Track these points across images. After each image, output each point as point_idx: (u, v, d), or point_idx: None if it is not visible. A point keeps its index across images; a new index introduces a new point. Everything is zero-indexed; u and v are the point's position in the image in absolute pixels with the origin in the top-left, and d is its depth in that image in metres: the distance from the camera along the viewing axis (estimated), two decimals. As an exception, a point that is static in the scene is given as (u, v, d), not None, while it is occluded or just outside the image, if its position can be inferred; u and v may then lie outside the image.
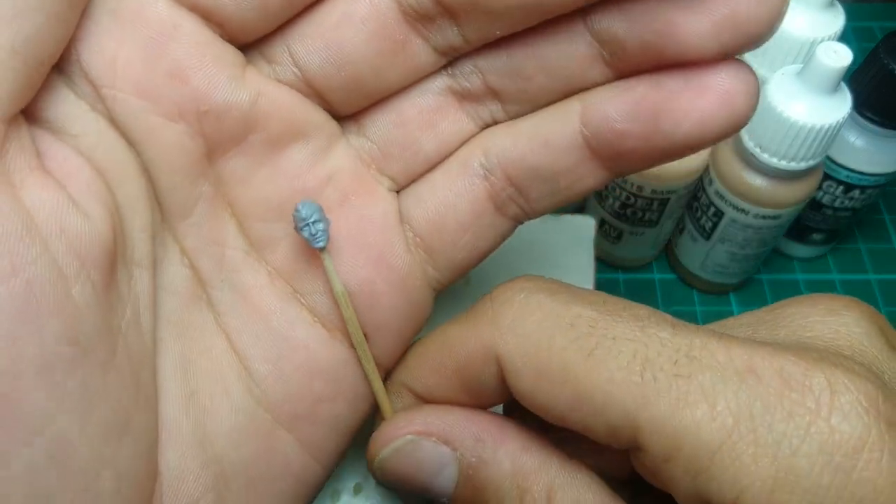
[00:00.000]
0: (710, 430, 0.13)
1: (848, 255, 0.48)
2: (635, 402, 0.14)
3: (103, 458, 0.14)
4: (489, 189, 0.18)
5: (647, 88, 0.16)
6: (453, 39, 0.17)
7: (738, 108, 0.16)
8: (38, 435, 0.13)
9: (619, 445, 0.15)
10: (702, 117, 0.16)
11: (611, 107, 0.17)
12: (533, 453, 0.17)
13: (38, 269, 0.13)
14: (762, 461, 0.13)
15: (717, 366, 0.14)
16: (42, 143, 0.15)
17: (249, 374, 0.17)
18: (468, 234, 0.19)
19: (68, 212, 0.14)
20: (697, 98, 0.16)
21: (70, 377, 0.14)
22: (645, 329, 0.15)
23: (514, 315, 0.16)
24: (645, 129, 0.16)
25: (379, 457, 0.18)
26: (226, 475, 0.17)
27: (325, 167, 0.18)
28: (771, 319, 0.17)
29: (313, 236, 0.17)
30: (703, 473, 0.13)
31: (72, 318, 0.14)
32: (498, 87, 0.18)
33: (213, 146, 0.17)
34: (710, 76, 0.16)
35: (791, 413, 0.13)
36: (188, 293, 0.17)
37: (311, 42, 0.17)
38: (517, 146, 0.18)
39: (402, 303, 0.19)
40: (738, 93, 0.16)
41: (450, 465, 0.17)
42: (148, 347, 0.16)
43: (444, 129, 0.19)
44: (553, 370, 0.15)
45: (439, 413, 0.18)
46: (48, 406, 0.13)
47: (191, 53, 0.16)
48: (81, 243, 0.14)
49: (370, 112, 0.19)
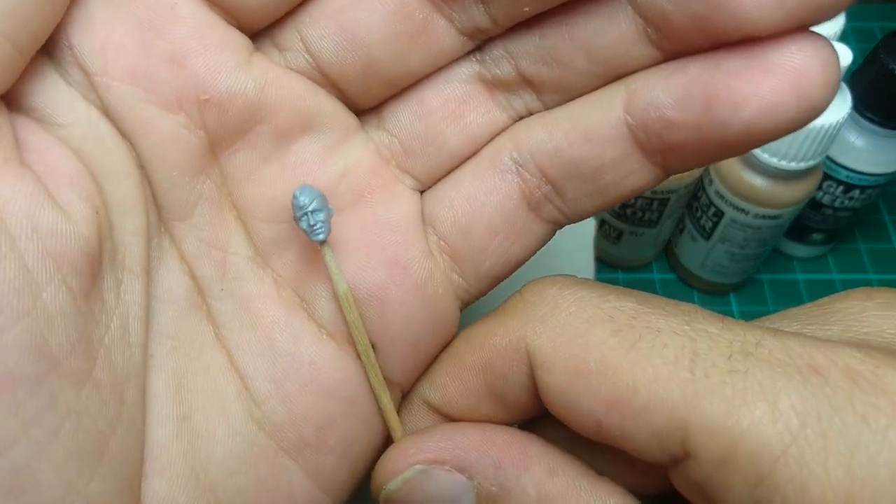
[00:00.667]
0: (773, 433, 0.12)
1: (848, 255, 0.48)
2: (685, 400, 0.12)
3: (73, 488, 0.13)
4: (522, 186, 0.16)
5: (701, 69, 0.14)
6: (479, 20, 0.15)
7: (811, 92, 0.13)
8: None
9: (661, 455, 0.13)
10: (765, 103, 0.13)
11: (659, 91, 0.14)
12: (560, 477, 0.15)
13: (1, 270, 0.12)
14: (835, 471, 0.11)
15: (776, 362, 0.12)
16: (24, 133, 0.14)
17: (250, 393, 0.16)
18: (498, 237, 0.17)
19: (43, 209, 0.13)
20: (761, 80, 0.13)
21: (34, 395, 0.12)
22: (692, 323, 0.14)
23: (547, 307, 0.15)
24: (698, 118, 0.14)
25: (385, 490, 0.16)
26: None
27: (339, 162, 0.16)
28: (820, 315, 0.15)
29: (311, 228, 0.15)
30: (765, 482, 0.12)
31: (40, 326, 0.12)
32: (532, 75, 0.16)
33: (216, 139, 0.15)
34: (777, 53, 0.13)
35: (865, 416, 0.12)
36: (186, 303, 0.16)
37: (323, 25, 0.15)
38: (553, 138, 0.16)
39: (419, 312, 0.17)
40: (812, 73, 0.13)
41: (466, 495, 0.15)
42: (136, 363, 0.15)
43: (473, 121, 0.17)
44: (590, 365, 0.14)
45: (453, 435, 0.16)
46: (7, 428, 0.12)
47: (190, 35, 0.14)
48: (57, 244, 0.13)
49: (391, 103, 0.17)
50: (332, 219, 0.16)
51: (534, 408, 0.16)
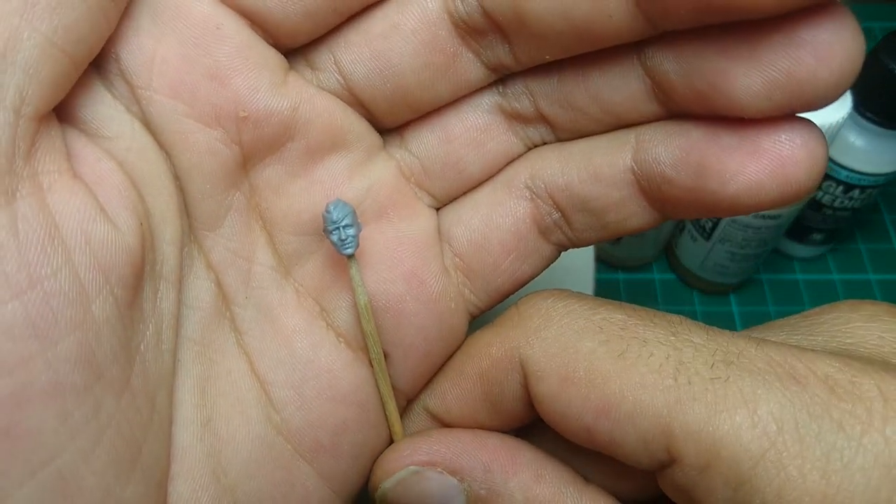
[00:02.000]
0: (752, 437, 0.12)
1: (848, 255, 0.48)
2: (668, 407, 0.13)
3: (111, 494, 0.13)
4: (534, 212, 0.17)
5: (700, 138, 0.15)
6: (504, 58, 0.16)
7: (793, 179, 0.14)
8: (42, 468, 0.12)
9: (648, 461, 0.14)
10: (749, 183, 0.14)
11: (662, 149, 0.15)
12: (547, 482, 0.16)
13: (57, 283, 0.12)
14: (811, 475, 0.12)
15: (756, 371, 0.13)
16: (75, 145, 0.14)
17: (270, 399, 0.16)
18: (510, 256, 0.18)
19: (96, 221, 0.13)
20: (748, 161, 0.14)
21: (81, 404, 0.12)
22: (678, 334, 0.14)
23: (540, 319, 0.16)
24: (691, 182, 0.15)
25: (381, 489, 0.17)
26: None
27: (364, 179, 0.17)
28: (806, 325, 0.16)
29: (343, 242, 0.16)
30: (745, 485, 0.12)
31: (89, 337, 0.12)
32: (548, 114, 0.17)
33: (249, 154, 0.16)
34: (767, 138, 0.14)
35: (841, 423, 0.12)
36: (211, 310, 0.16)
37: (357, 51, 0.16)
38: (565, 173, 0.17)
39: (431, 324, 0.18)
40: (795, 161, 0.14)
41: (456, 497, 0.16)
42: (167, 369, 0.15)
43: (492, 149, 0.17)
44: (579, 374, 0.14)
45: (446, 440, 0.16)
46: (56, 436, 0.12)
47: (233, 55, 0.15)
48: (107, 256, 0.13)
49: (414, 126, 0.18)
50: (360, 234, 0.16)
51: (527, 416, 0.16)
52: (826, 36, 0.13)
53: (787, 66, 0.13)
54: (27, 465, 0.12)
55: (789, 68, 0.13)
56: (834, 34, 0.13)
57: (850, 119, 0.38)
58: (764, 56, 0.13)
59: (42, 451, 0.12)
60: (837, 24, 0.13)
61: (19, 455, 0.12)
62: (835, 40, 0.13)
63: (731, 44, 0.13)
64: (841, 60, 0.13)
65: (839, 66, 0.13)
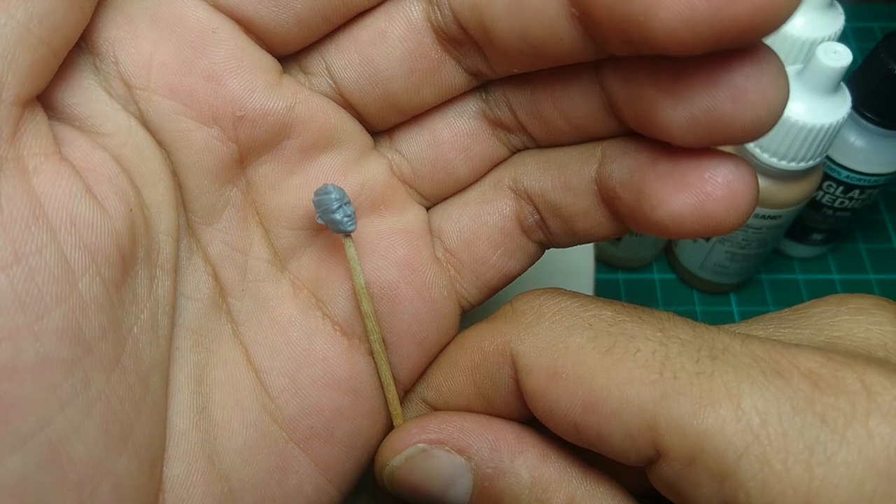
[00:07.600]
0: (735, 431, 0.12)
1: (848, 255, 0.48)
2: (654, 402, 0.13)
3: (102, 466, 0.13)
4: (518, 211, 0.18)
5: (644, 161, 0.15)
6: (481, 66, 0.17)
7: (713, 216, 0.14)
8: (32, 436, 0.12)
9: (636, 456, 0.14)
10: (672, 213, 0.15)
11: (616, 166, 0.16)
12: (552, 463, 0.16)
13: (42, 259, 0.12)
14: (795, 468, 0.12)
15: (741, 365, 0.13)
16: (67, 136, 0.14)
17: (265, 388, 0.17)
18: (498, 252, 0.19)
19: (82, 202, 0.13)
20: (674, 192, 0.14)
21: (69, 376, 0.13)
22: (665, 330, 0.15)
23: (532, 315, 0.16)
24: (631, 202, 0.15)
25: (388, 466, 0.17)
26: (234, 493, 0.16)
27: (358, 176, 0.18)
28: (795, 319, 0.16)
29: (348, 218, 0.16)
30: (730, 479, 0.12)
31: (75, 313, 0.13)
32: (525, 123, 0.17)
33: (246, 152, 0.16)
34: (692, 172, 0.14)
35: (824, 417, 0.12)
36: (208, 301, 0.17)
37: (347, 56, 0.17)
38: (542, 180, 0.17)
39: (425, 311, 0.18)
40: (716, 199, 0.14)
41: (464, 475, 0.16)
42: (162, 354, 0.15)
43: (477, 153, 0.18)
44: (567, 368, 0.14)
45: (453, 420, 0.17)
46: (45, 406, 0.12)
47: (229, 57, 0.15)
48: (93, 236, 0.13)
49: (403, 129, 0.18)
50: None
51: (519, 411, 0.17)
52: (741, 80, 0.13)
53: (707, 105, 0.13)
54: (17, 433, 0.12)
55: (709, 107, 0.13)
56: (750, 78, 0.13)
57: (850, 119, 0.38)
58: (686, 93, 0.13)
59: (32, 419, 0.12)
60: (755, 68, 0.13)
61: (9, 423, 0.12)
62: (750, 84, 0.13)
63: (662, 76, 0.14)
64: (756, 104, 0.13)
65: (754, 109, 0.13)
